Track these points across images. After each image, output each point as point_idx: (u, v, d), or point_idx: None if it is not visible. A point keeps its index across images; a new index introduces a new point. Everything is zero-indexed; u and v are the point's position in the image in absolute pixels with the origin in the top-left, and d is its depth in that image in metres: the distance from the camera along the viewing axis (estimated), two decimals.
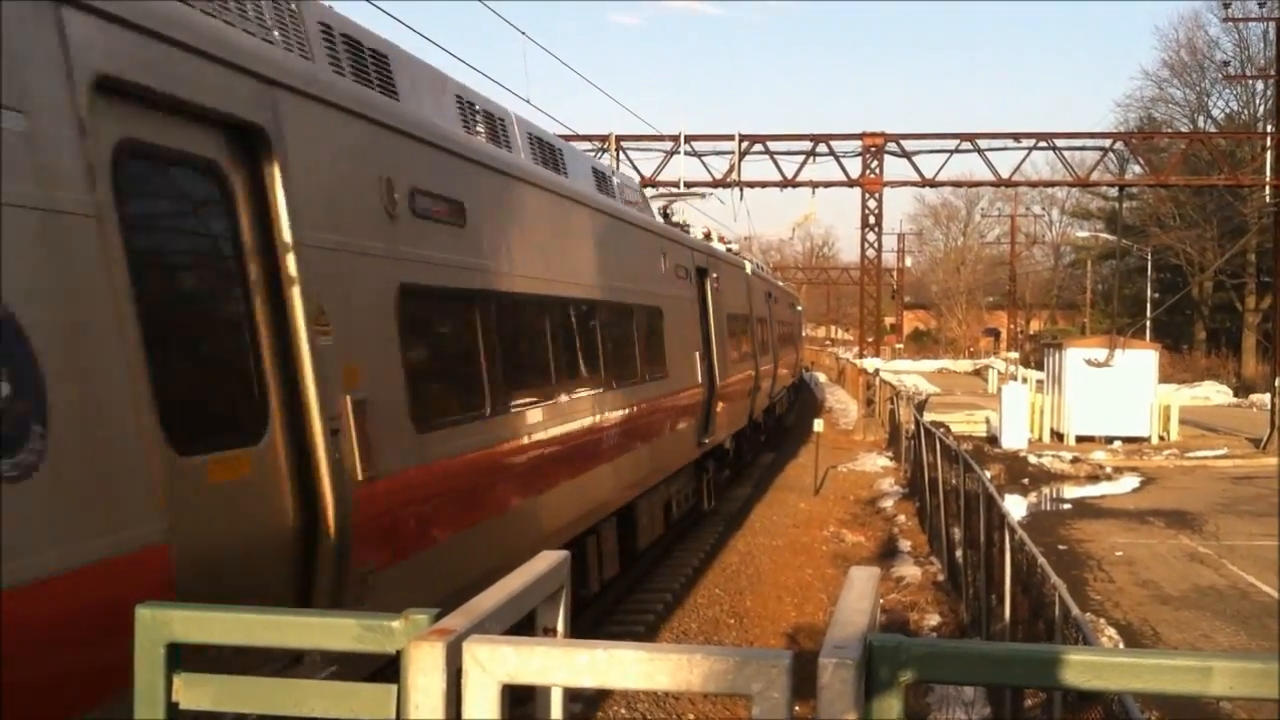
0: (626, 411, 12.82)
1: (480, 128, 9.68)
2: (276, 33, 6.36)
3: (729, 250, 24.62)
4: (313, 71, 6.51)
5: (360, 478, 6.19)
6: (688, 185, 40.55)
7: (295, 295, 5.84)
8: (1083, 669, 2.73)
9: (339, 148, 6.62)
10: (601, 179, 14.00)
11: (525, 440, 9.31)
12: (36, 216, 4.32)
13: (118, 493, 4.52)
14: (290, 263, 5.82)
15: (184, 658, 3.21)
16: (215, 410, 5.57)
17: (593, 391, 11.57)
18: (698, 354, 17.60)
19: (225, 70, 5.49)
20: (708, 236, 22.11)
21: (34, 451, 4.15)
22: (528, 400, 9.53)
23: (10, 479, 4.03)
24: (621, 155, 40.37)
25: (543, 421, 9.80)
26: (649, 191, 22.49)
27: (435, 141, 7.98)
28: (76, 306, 4.47)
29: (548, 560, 3.81)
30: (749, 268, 26.62)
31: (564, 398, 10.59)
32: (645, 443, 13.82)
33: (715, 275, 19.72)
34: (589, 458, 11.28)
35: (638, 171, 40.31)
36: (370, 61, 7.60)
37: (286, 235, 5.82)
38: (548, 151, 11.62)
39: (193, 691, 3.17)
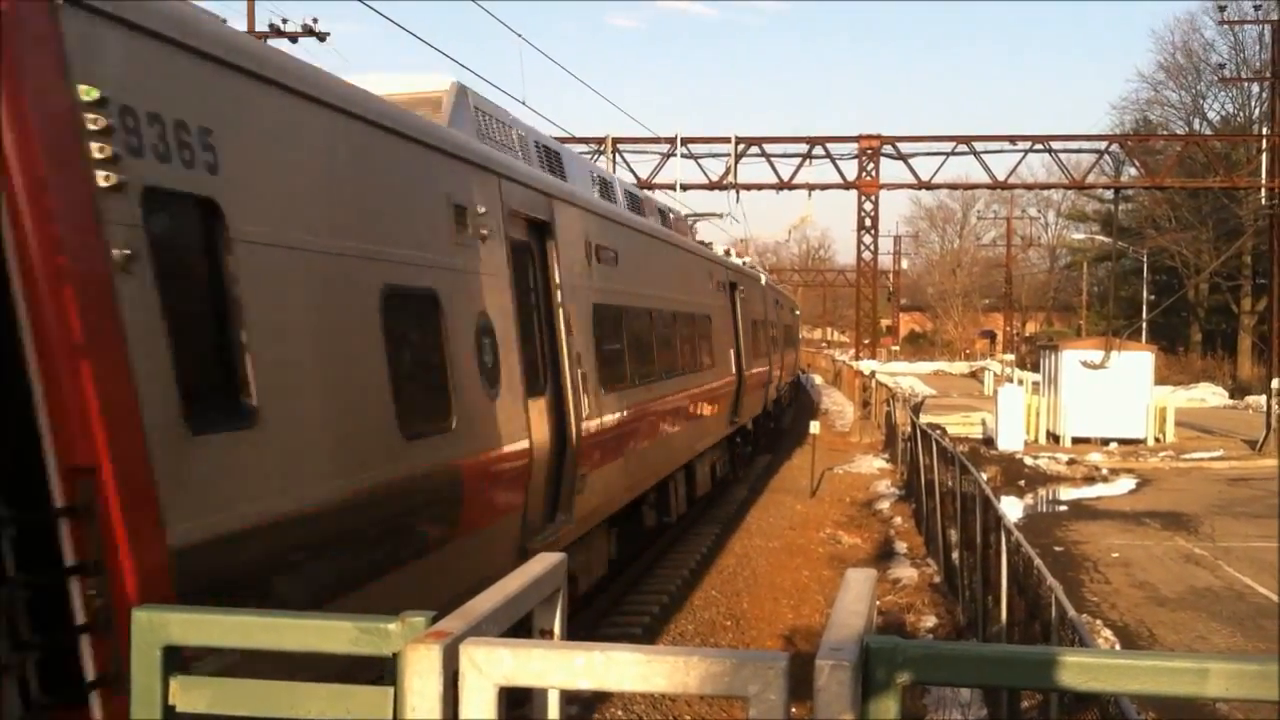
0: (697, 391, 17.61)
1: (597, 190, 14.25)
2: (519, 152, 11.11)
3: (746, 264, 28.62)
4: (567, 187, 11.59)
5: (585, 416, 10.77)
6: (684, 188, 40.57)
7: (560, 314, 10.45)
8: (1079, 670, 2.74)
9: (572, 227, 11.20)
10: (664, 217, 19.25)
11: (646, 405, 13.69)
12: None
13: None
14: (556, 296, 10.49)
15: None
16: (534, 378, 9.61)
17: (680, 375, 16.29)
18: (731, 351, 21.51)
19: (537, 193, 10.21)
20: (727, 253, 26.24)
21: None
22: (647, 378, 13.98)
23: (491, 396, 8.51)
24: (618, 157, 40.35)
25: (655, 393, 14.28)
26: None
27: (603, 214, 12.77)
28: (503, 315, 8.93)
29: (544, 563, 3.81)
30: (763, 279, 30.58)
31: (665, 378, 15.12)
32: (702, 417, 18.37)
33: (741, 288, 23.73)
34: (677, 421, 15.98)
35: (633, 174, 40.31)
36: (553, 158, 12.37)
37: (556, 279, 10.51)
38: (634, 201, 16.91)
39: (189, 694, 3.17)
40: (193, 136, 5.10)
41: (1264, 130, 45.26)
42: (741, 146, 41.13)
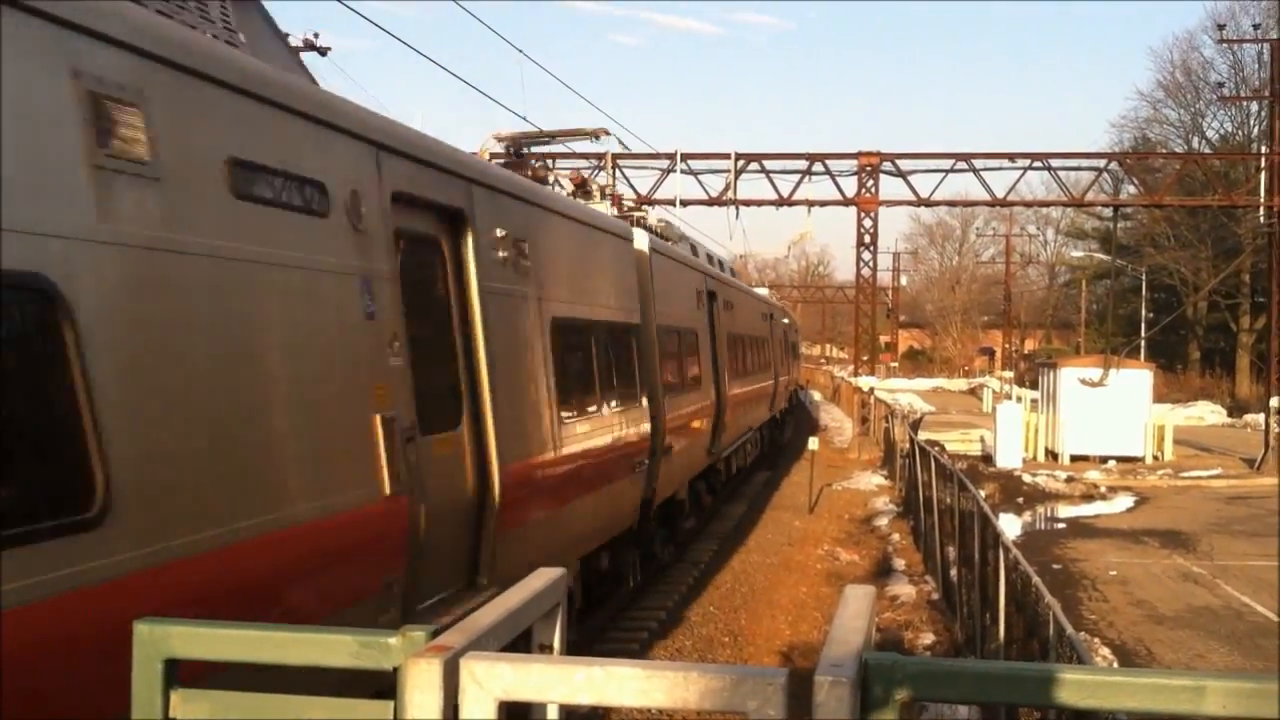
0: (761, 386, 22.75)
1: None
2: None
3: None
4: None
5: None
6: (683, 203, 40.64)
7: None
8: (1077, 688, 2.75)
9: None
10: (722, 264, 21.52)
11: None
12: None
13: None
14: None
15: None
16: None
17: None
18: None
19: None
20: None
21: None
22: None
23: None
24: (618, 173, 40.40)
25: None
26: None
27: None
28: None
29: (545, 578, 3.82)
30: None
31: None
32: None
33: (773, 315, 27.80)
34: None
35: (633, 189, 40.36)
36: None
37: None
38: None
39: (190, 706, 3.18)
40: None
41: (1263, 149, 45.33)
42: (741, 163, 41.19)
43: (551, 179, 14.22)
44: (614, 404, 12.32)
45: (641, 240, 14.82)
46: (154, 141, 4.88)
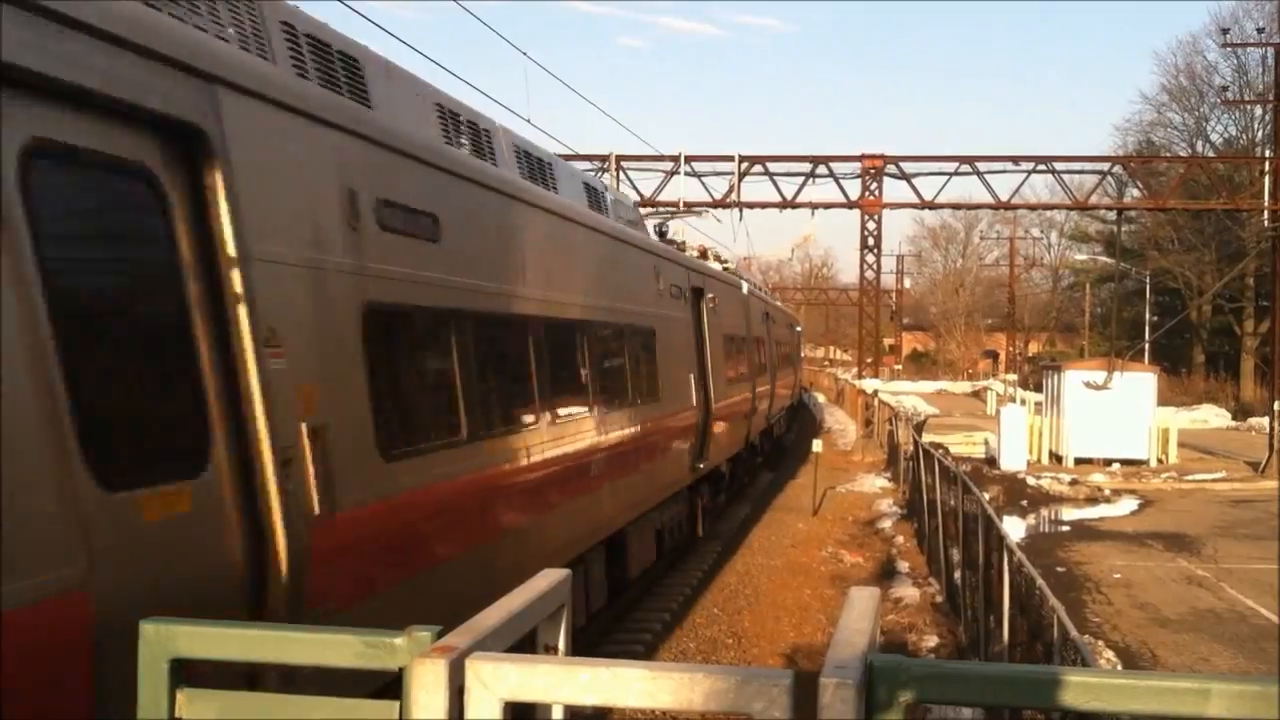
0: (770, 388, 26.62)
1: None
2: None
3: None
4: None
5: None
6: (688, 206, 40.64)
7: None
8: (1082, 690, 2.75)
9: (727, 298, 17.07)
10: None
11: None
12: None
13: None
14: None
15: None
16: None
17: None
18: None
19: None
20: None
21: None
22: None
23: None
24: (621, 175, 40.42)
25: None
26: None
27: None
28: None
29: (549, 579, 3.82)
30: (745, 287, 30.26)
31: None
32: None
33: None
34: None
35: (637, 191, 40.37)
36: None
37: None
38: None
39: (196, 706, 3.19)
40: None
41: (1267, 152, 45.30)
42: (745, 165, 41.21)
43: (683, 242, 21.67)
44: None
45: (744, 287, 25.38)
46: None
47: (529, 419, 9.43)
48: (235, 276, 5.26)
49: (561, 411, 10.39)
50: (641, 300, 14.33)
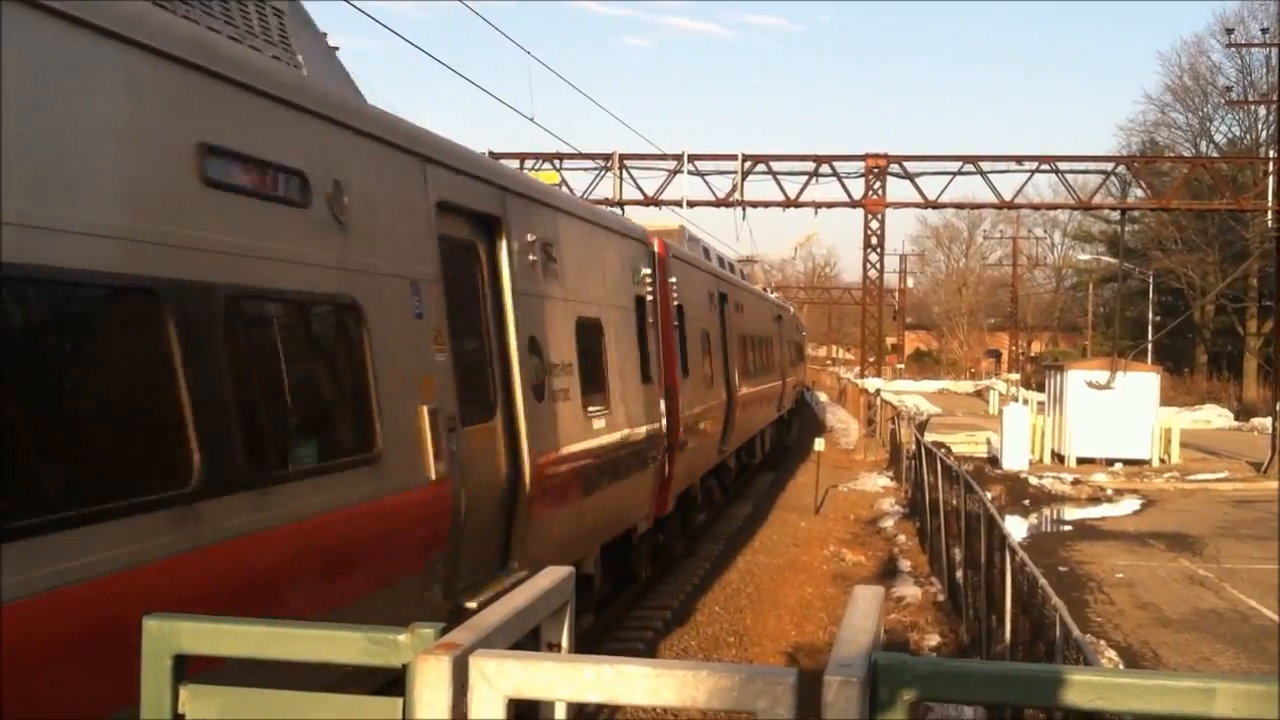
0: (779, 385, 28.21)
1: None
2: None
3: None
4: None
5: None
6: (690, 204, 40.65)
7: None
8: (1085, 689, 2.75)
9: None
10: (778, 308, 25.68)
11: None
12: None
13: None
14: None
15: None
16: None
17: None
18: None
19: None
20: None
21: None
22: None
23: None
24: (625, 174, 40.40)
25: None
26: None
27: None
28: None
29: (552, 577, 3.82)
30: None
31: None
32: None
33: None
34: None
35: (640, 190, 40.38)
36: None
37: None
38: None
39: (199, 702, 3.19)
40: None
41: (1271, 153, 45.25)
42: (748, 164, 41.19)
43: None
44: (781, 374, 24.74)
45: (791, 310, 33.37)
46: None
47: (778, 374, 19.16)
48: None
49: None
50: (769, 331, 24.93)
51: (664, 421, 13.77)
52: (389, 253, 6.90)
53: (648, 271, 13.83)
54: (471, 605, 7.27)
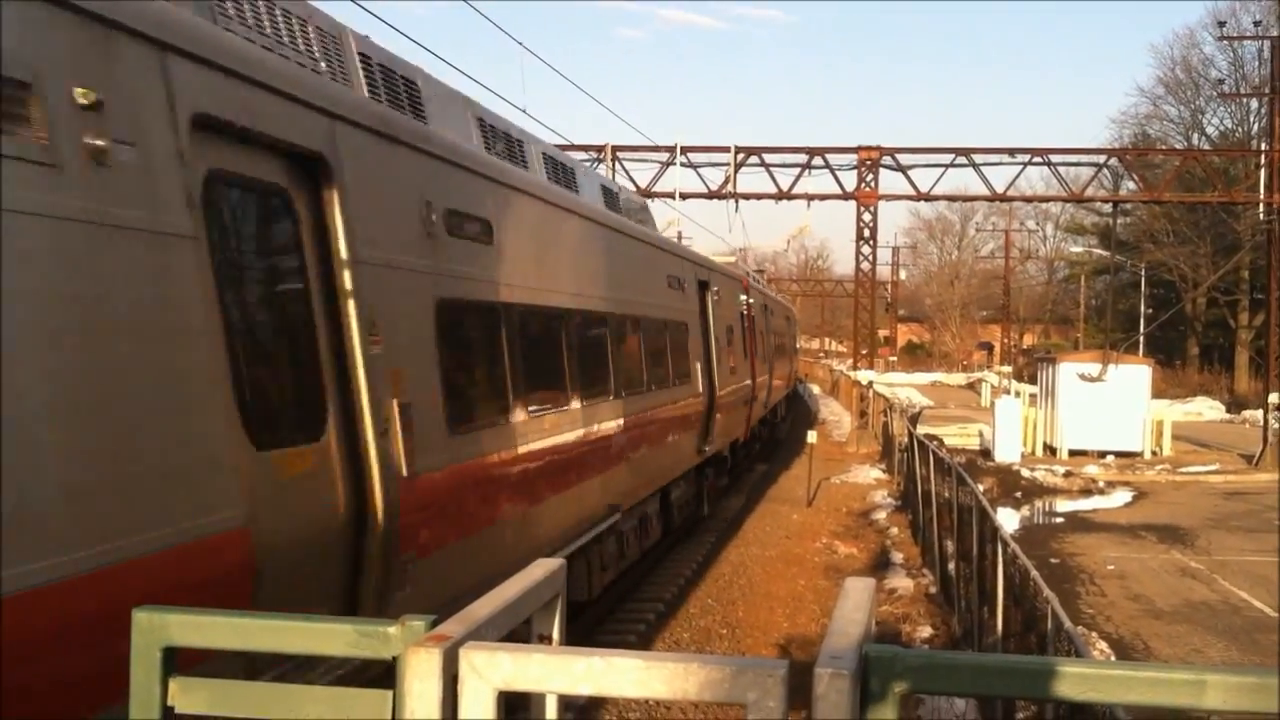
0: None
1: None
2: None
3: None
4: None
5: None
6: (683, 196, 40.60)
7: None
8: (1077, 681, 2.74)
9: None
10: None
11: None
12: None
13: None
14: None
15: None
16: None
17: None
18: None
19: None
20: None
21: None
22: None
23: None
24: (618, 166, 40.34)
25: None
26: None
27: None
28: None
29: (544, 568, 3.81)
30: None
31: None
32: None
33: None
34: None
35: (633, 182, 40.32)
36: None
37: None
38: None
39: (188, 696, 3.17)
40: None
41: (1262, 145, 45.29)
42: (741, 156, 41.11)
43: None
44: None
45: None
46: None
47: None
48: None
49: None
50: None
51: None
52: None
53: (744, 298, 24.57)
54: None
